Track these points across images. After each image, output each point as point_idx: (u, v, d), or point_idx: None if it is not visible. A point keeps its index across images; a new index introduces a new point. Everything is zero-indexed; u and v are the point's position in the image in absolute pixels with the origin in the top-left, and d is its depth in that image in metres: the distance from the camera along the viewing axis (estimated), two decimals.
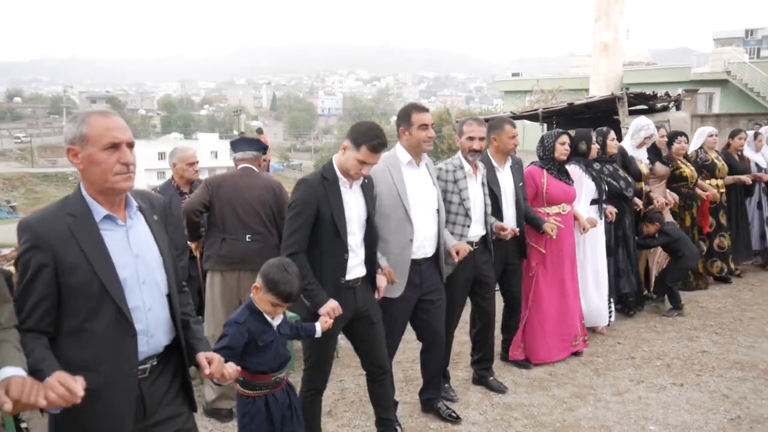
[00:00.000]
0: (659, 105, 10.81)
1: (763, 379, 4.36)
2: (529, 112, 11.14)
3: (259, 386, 2.76)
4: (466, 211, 3.91)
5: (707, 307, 6.11)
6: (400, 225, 3.48)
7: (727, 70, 27.12)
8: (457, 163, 3.97)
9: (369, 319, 3.30)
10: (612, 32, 23.88)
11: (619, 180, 5.42)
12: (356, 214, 3.14)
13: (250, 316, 2.72)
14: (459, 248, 3.68)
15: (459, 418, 3.83)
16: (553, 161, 4.69)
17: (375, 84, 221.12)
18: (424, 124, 3.49)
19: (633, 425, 3.76)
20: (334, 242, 3.07)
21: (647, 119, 6.06)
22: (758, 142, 7.32)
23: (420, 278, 3.60)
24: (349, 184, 3.14)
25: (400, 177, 3.50)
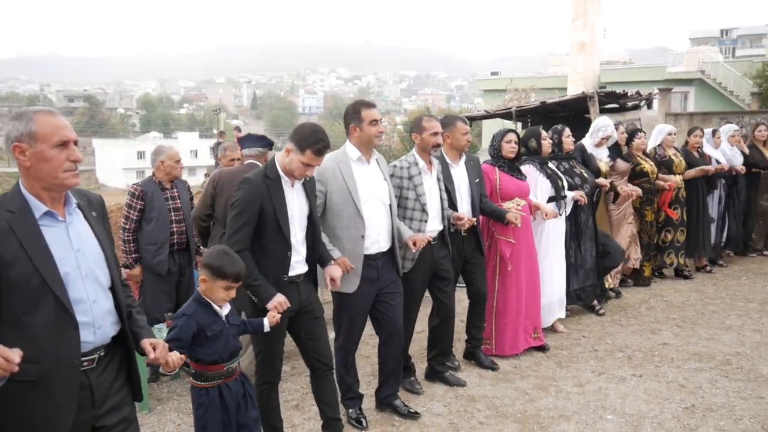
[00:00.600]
0: (630, 104, 11.01)
1: (719, 370, 4.50)
2: (502, 110, 11.29)
3: (212, 377, 2.82)
4: (422, 207, 3.98)
5: (671, 301, 6.27)
6: (351, 221, 3.54)
7: (702, 69, 27.56)
8: (412, 160, 4.04)
9: (313, 313, 3.35)
10: (589, 32, 24.06)
11: (575, 176, 5.51)
12: (298, 212, 3.20)
13: (199, 308, 2.78)
14: (416, 239, 3.72)
15: (418, 414, 3.88)
16: (502, 159, 4.77)
17: (356, 83, 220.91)
18: (374, 119, 3.56)
19: (591, 414, 3.87)
20: (277, 240, 3.12)
21: (608, 119, 6.21)
22: (716, 139, 7.55)
23: (377, 273, 3.66)
24: (291, 183, 3.20)
25: (350, 174, 3.56)
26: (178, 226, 4.68)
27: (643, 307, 6.05)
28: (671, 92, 21.84)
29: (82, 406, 2.08)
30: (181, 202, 4.76)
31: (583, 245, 5.62)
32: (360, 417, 3.80)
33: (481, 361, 4.64)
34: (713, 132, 7.66)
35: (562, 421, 3.81)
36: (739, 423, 3.71)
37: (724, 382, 4.28)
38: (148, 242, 4.62)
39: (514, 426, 3.76)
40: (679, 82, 27.68)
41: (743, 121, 15.50)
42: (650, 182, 6.62)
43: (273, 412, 3.40)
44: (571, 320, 5.65)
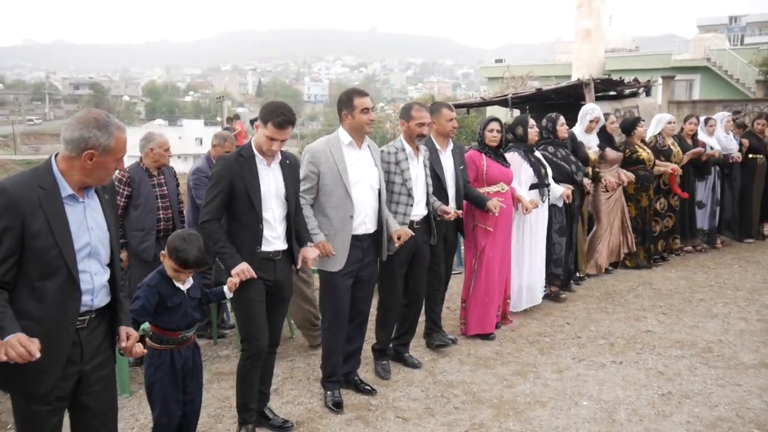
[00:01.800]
0: (628, 91, 10.93)
1: (699, 357, 4.51)
2: (499, 97, 11.24)
3: (167, 341, 3.05)
4: (408, 191, 4.09)
5: (660, 288, 6.26)
6: (341, 202, 3.69)
7: (708, 57, 27.32)
8: (399, 146, 4.15)
9: (281, 294, 3.49)
10: (594, 19, 23.95)
11: (571, 164, 5.68)
12: (274, 191, 3.33)
13: (162, 280, 3.02)
14: (400, 233, 3.87)
15: (375, 391, 4.02)
16: (486, 146, 4.89)
17: (362, 70, 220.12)
18: (366, 108, 3.70)
19: (567, 401, 3.88)
20: (249, 214, 3.26)
21: (594, 105, 6.32)
22: (709, 126, 7.65)
23: (362, 254, 3.82)
24: (266, 162, 3.32)
25: (341, 157, 3.70)
26: (164, 213, 4.73)
27: (631, 295, 6.04)
28: (675, 80, 21.74)
29: (71, 361, 2.36)
30: (168, 189, 4.80)
31: (575, 231, 5.87)
32: (338, 400, 3.83)
33: (433, 341, 4.72)
34: (706, 120, 7.72)
35: (538, 407, 3.82)
36: (713, 410, 3.72)
37: (704, 370, 4.28)
38: (134, 228, 4.65)
39: (489, 411, 3.77)
40: (685, 69, 27.48)
41: (747, 109, 15.42)
42: (646, 169, 6.74)
43: (248, 391, 3.44)
44: (557, 307, 5.66)
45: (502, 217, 4.77)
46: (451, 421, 3.67)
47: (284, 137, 3.25)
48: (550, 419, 3.66)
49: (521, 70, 13.33)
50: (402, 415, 3.75)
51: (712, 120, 7.74)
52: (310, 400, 3.97)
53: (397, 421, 3.68)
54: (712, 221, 7.78)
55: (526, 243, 5.36)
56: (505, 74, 13.67)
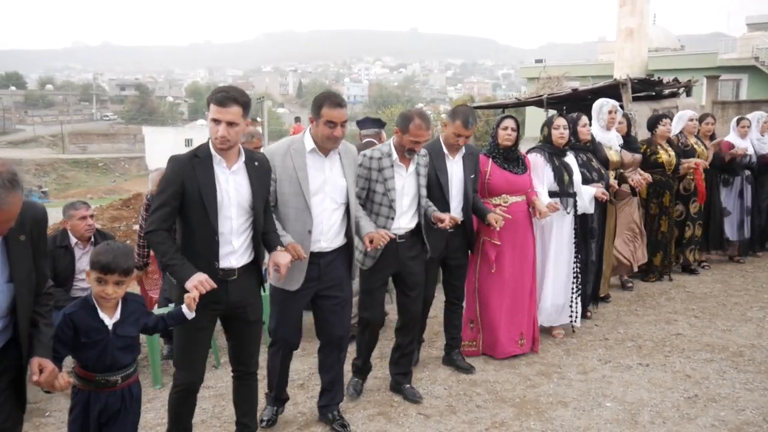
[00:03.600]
0: (667, 91, 10.72)
1: (730, 361, 4.43)
2: (534, 98, 11.15)
3: (83, 380, 2.61)
4: (390, 203, 3.69)
5: (694, 292, 6.15)
6: (299, 214, 3.30)
7: (756, 56, 26.55)
8: (386, 150, 3.74)
9: (244, 317, 3.09)
10: (637, 18, 23.49)
11: (592, 171, 5.10)
12: (235, 197, 2.92)
13: (81, 309, 2.58)
14: (372, 236, 3.41)
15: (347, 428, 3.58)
16: (498, 148, 4.42)
17: (401, 71, 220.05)
18: (332, 121, 3.21)
19: (590, 402, 3.87)
20: (204, 223, 2.86)
21: (606, 100, 5.73)
22: (742, 127, 7.01)
23: (318, 272, 3.39)
24: (226, 164, 2.91)
25: (301, 163, 3.28)
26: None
27: (663, 298, 5.96)
28: (720, 80, 21.20)
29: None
30: None
31: (591, 249, 5.26)
32: (271, 417, 3.65)
33: (457, 363, 4.39)
34: (738, 120, 7.10)
35: (560, 407, 3.82)
36: (740, 414, 3.66)
37: (733, 374, 4.22)
38: None
39: (510, 410, 3.79)
40: (732, 69, 26.76)
41: None
42: (664, 174, 6.18)
43: (180, 421, 3.11)
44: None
45: (514, 230, 4.34)
46: (473, 419, 3.70)
47: (229, 117, 2.78)
48: (572, 419, 3.66)
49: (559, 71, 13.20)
50: (424, 412, 3.79)
51: (746, 120, 7.05)
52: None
53: (419, 418, 3.73)
54: (740, 232, 7.10)
55: (546, 259, 4.84)
56: (541, 74, 13.52)
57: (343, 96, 3.68)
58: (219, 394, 4.13)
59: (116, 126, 74.53)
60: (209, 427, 3.70)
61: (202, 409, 3.87)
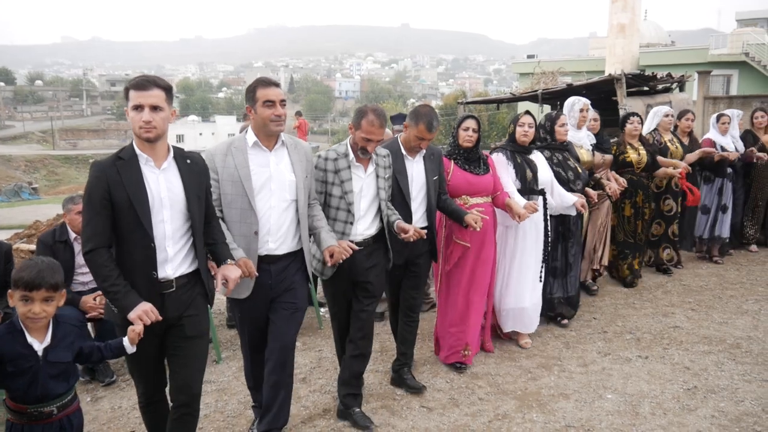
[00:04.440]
0: (660, 87, 10.79)
1: (727, 353, 4.48)
2: (529, 93, 11.18)
3: (15, 413, 2.40)
4: (348, 206, 3.46)
5: (690, 285, 6.20)
6: (243, 215, 3.08)
7: (746, 52, 26.73)
8: (342, 150, 3.50)
9: (181, 331, 2.75)
10: (629, 13, 23.67)
11: (568, 170, 4.92)
12: (167, 199, 2.64)
13: (7, 334, 2.35)
14: (333, 250, 3.18)
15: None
16: (459, 148, 4.18)
17: (393, 66, 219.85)
18: (270, 100, 3.02)
19: (591, 393, 3.91)
20: (137, 231, 2.57)
21: (577, 98, 5.53)
22: (722, 124, 6.84)
23: (270, 278, 3.15)
24: (155, 163, 2.64)
25: (243, 160, 3.07)
26: None
27: (660, 291, 6.00)
28: (711, 75, 21.32)
29: None
30: None
31: (571, 249, 5.06)
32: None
33: (407, 383, 4.03)
34: (718, 117, 6.91)
35: (561, 399, 3.85)
36: (739, 405, 3.70)
37: (731, 365, 4.26)
38: None
39: (512, 403, 3.82)
40: (723, 64, 26.96)
41: None
42: (633, 173, 5.95)
43: (156, 428, 2.96)
44: (584, 302, 5.63)
45: (481, 232, 4.07)
46: (475, 411, 3.73)
47: (151, 101, 2.54)
48: (574, 411, 3.69)
49: (552, 66, 13.24)
50: (426, 405, 3.81)
51: (726, 116, 6.86)
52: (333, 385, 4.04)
53: (422, 411, 3.75)
54: (712, 230, 6.93)
55: (510, 262, 4.63)
56: (535, 70, 13.57)
57: (335, 92, 3.57)
58: (221, 389, 4.14)
59: (107, 122, 74.04)
60: (213, 422, 3.70)
61: (205, 403, 3.88)
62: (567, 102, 5.56)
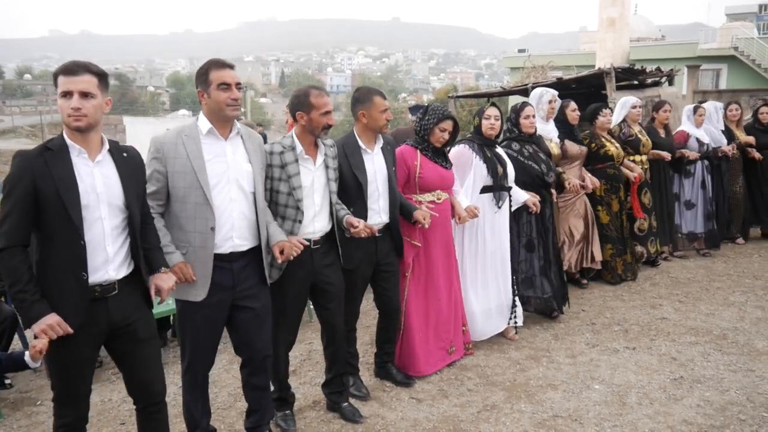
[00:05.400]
0: (650, 80, 10.82)
1: (714, 344, 4.53)
2: (519, 87, 11.20)
3: None
4: (296, 203, 3.24)
5: (678, 277, 6.26)
6: (199, 210, 2.82)
7: (735, 46, 26.90)
8: (288, 143, 3.26)
9: (133, 335, 2.58)
10: (619, 8, 23.65)
11: (540, 163, 4.79)
12: (104, 194, 2.45)
13: None
14: (283, 246, 2.98)
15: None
16: (428, 143, 3.97)
17: (384, 61, 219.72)
18: (225, 82, 2.81)
19: (579, 384, 3.94)
20: (66, 229, 2.36)
21: (545, 89, 5.44)
22: (698, 116, 6.81)
23: (232, 279, 2.93)
24: (88, 155, 2.44)
25: (196, 150, 2.82)
26: None
27: (648, 283, 6.05)
28: (701, 69, 21.45)
29: None
30: None
31: (551, 245, 4.95)
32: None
33: (394, 377, 4.00)
34: (695, 108, 6.88)
35: (550, 389, 3.89)
36: (725, 394, 3.75)
37: (717, 356, 4.31)
38: None
39: (501, 394, 3.85)
40: (712, 59, 27.11)
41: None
42: (615, 167, 5.88)
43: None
44: (573, 294, 5.66)
45: (437, 230, 3.96)
46: (464, 402, 3.76)
47: (82, 86, 2.36)
48: (562, 401, 3.72)
49: (543, 60, 13.29)
50: (416, 396, 3.84)
51: (702, 109, 6.84)
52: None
53: (411, 402, 3.78)
54: (708, 223, 6.90)
55: (477, 261, 4.46)
56: (525, 64, 13.59)
57: (326, 86, 3.46)
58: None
59: None
60: None
61: None
62: (534, 93, 5.45)
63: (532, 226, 4.86)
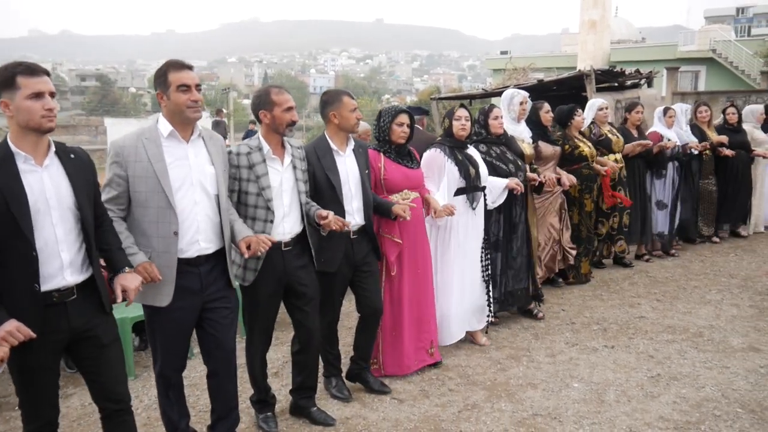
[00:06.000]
0: (629, 82, 10.97)
1: (690, 342, 4.61)
2: (500, 89, 11.29)
3: None
4: (266, 204, 3.21)
5: (656, 276, 6.35)
6: (161, 214, 2.78)
7: (713, 48, 27.30)
8: (255, 144, 3.25)
9: (96, 340, 2.54)
10: (600, 10, 23.99)
11: (508, 163, 4.83)
12: (54, 199, 2.38)
13: None
14: (250, 241, 2.93)
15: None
16: (390, 143, 3.98)
17: (367, 62, 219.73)
18: (185, 84, 2.77)
19: (558, 383, 3.99)
20: (15, 238, 2.28)
21: (516, 90, 5.47)
22: (668, 117, 6.90)
23: (199, 283, 2.90)
24: (35, 161, 2.36)
25: (157, 153, 2.78)
26: None
27: (626, 282, 6.14)
28: (680, 71, 21.74)
29: None
30: None
31: (515, 244, 4.98)
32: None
33: (370, 384, 3.95)
34: (665, 110, 7.00)
35: (530, 388, 3.93)
36: (700, 391, 3.82)
37: (693, 353, 4.39)
38: None
39: (482, 393, 3.89)
40: (691, 61, 27.53)
41: (750, 100, 15.41)
42: (590, 167, 5.97)
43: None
44: (553, 294, 5.76)
45: (413, 227, 3.99)
46: (445, 402, 3.79)
47: (50, 87, 2.37)
48: (541, 400, 3.77)
49: (525, 62, 13.43)
50: (397, 397, 3.87)
51: (672, 111, 6.96)
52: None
53: (393, 402, 3.80)
54: (671, 224, 7.02)
55: (453, 263, 4.45)
56: (507, 66, 13.71)
57: (309, 87, 3.45)
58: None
59: (77, 117, 72.78)
60: None
61: None
62: (506, 94, 5.45)
63: (500, 225, 4.89)
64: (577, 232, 6.07)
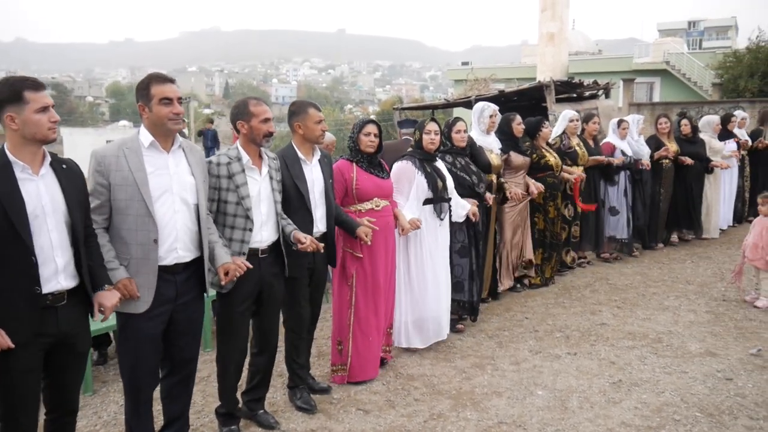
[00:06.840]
0: (587, 93, 11.22)
1: (650, 347, 4.69)
2: (462, 99, 11.43)
3: None
4: (246, 212, 3.27)
5: (616, 283, 6.47)
6: (141, 222, 2.82)
7: (666, 60, 28.08)
8: (234, 154, 3.30)
9: (73, 347, 2.61)
10: (557, 23, 24.48)
11: (471, 175, 5.03)
12: (50, 206, 2.47)
13: None
14: (228, 268, 3.05)
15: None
16: (360, 153, 4.12)
17: (330, 72, 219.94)
18: (167, 97, 2.83)
19: (523, 390, 4.02)
20: (14, 243, 2.36)
21: (486, 103, 5.69)
22: (622, 129, 7.23)
23: (175, 291, 2.94)
24: (32, 170, 2.45)
25: (138, 163, 2.83)
26: None
27: (588, 290, 6.24)
28: (635, 83, 22.30)
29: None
30: None
31: (482, 251, 5.20)
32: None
33: (311, 384, 4.04)
34: (618, 122, 7.32)
35: (495, 396, 3.95)
36: (660, 396, 3.89)
37: (653, 359, 4.47)
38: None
39: (447, 402, 3.89)
40: (646, 72, 28.25)
41: (703, 111, 15.89)
42: (554, 176, 6.26)
43: None
44: (517, 302, 5.81)
45: (378, 236, 4.05)
46: (411, 412, 3.78)
47: (51, 101, 2.50)
48: (506, 408, 3.79)
49: (486, 73, 13.62)
50: (363, 408, 3.84)
51: (625, 122, 7.32)
52: (273, 395, 4.02)
53: (358, 414, 3.77)
54: (628, 229, 7.29)
55: (425, 268, 4.55)
56: (468, 76, 13.89)
57: (272, 97, 3.48)
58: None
59: None
60: None
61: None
62: (476, 107, 5.67)
63: (464, 232, 5.00)
64: (541, 236, 6.33)
